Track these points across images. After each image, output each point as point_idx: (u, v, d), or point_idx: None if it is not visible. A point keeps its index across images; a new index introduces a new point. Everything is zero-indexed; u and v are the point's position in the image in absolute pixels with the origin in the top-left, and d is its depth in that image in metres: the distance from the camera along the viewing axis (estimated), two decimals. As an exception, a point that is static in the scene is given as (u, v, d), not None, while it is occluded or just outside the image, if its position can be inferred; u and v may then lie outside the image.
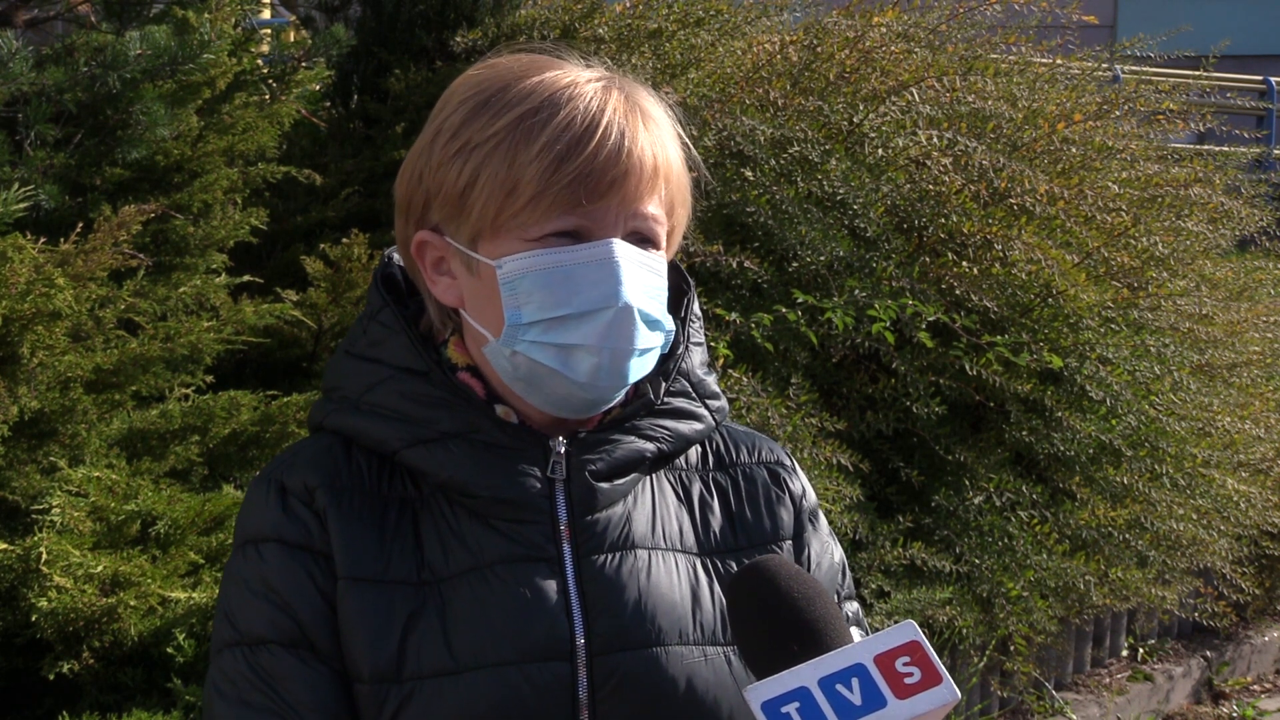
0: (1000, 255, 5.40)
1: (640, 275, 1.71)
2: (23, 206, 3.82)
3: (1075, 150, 5.86)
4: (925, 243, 5.42)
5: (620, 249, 1.70)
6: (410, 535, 1.73)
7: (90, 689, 3.43)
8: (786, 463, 1.90)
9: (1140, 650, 6.54)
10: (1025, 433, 5.34)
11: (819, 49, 5.63)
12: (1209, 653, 6.72)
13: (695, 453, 1.85)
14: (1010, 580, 5.12)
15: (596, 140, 1.69)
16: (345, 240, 4.43)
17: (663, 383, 1.80)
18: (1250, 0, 20.97)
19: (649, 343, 1.73)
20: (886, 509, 5.16)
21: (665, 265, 1.76)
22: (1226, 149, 9.06)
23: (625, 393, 1.77)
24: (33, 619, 3.31)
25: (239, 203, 4.67)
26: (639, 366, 1.73)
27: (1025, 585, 5.14)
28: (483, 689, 1.68)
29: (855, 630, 1.80)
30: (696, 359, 1.85)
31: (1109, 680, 6.25)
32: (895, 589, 4.86)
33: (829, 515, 4.05)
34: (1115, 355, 5.51)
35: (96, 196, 4.33)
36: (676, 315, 1.81)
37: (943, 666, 1.49)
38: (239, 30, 4.96)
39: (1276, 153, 12.19)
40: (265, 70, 5.35)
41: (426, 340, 1.80)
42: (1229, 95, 11.66)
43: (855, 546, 4.86)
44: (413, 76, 5.51)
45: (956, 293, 5.23)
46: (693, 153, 1.81)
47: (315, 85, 5.65)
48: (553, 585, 1.71)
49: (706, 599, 1.76)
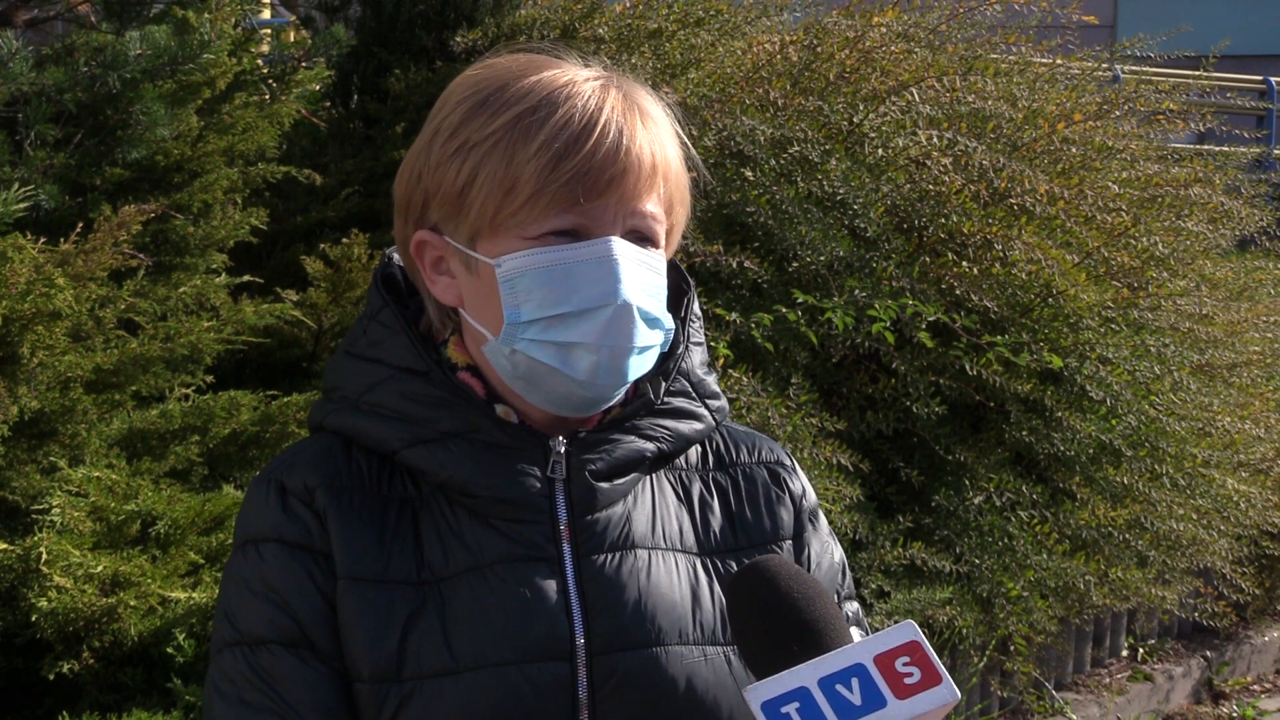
0: (1000, 255, 5.40)
1: (639, 273, 1.71)
2: (23, 206, 3.82)
3: (1075, 150, 5.86)
4: (925, 243, 5.42)
5: (619, 247, 1.70)
6: (410, 535, 1.73)
7: (90, 689, 3.43)
8: (786, 462, 1.89)
9: (1140, 650, 6.53)
10: (1025, 433, 5.34)
11: (819, 49, 5.62)
12: (1209, 653, 6.72)
13: (695, 452, 1.85)
14: (1010, 580, 5.11)
15: (595, 138, 1.68)
16: (345, 240, 4.43)
17: (663, 382, 1.80)
18: (1250, 0, 20.97)
19: (648, 340, 1.73)
20: (886, 509, 5.16)
21: (664, 263, 1.76)
22: (1226, 149, 9.06)
23: (625, 392, 1.77)
24: (33, 619, 3.31)
25: (239, 203, 4.67)
26: (638, 364, 1.73)
27: (1025, 585, 5.14)
28: (482, 689, 1.68)
29: (855, 630, 1.80)
30: (696, 359, 1.85)
31: (1109, 680, 6.24)
32: (895, 589, 4.86)
33: (829, 515, 4.05)
34: (1115, 355, 5.51)
35: (96, 196, 4.33)
36: (676, 315, 1.81)
37: (943, 666, 1.49)
38: (239, 30, 4.96)
39: (1276, 153, 12.19)
40: (265, 70, 5.35)
41: (426, 340, 1.80)
42: (1229, 95, 11.65)
43: (855, 546, 4.85)
44: (413, 76, 5.51)
45: (956, 293, 5.23)
46: (692, 152, 1.81)
47: (315, 85, 5.65)
48: (552, 585, 1.71)
49: (706, 599, 1.76)
